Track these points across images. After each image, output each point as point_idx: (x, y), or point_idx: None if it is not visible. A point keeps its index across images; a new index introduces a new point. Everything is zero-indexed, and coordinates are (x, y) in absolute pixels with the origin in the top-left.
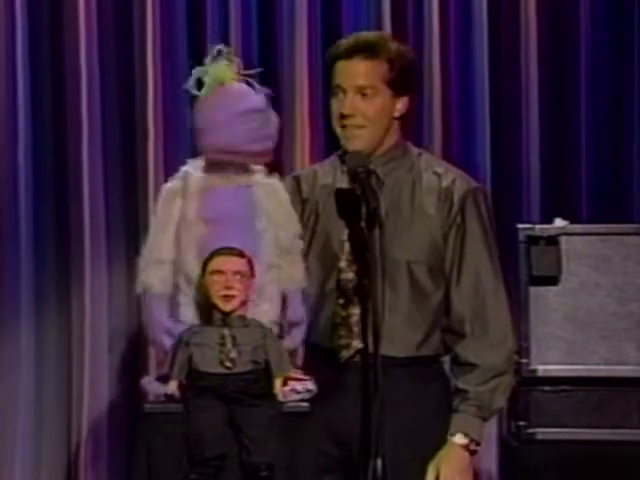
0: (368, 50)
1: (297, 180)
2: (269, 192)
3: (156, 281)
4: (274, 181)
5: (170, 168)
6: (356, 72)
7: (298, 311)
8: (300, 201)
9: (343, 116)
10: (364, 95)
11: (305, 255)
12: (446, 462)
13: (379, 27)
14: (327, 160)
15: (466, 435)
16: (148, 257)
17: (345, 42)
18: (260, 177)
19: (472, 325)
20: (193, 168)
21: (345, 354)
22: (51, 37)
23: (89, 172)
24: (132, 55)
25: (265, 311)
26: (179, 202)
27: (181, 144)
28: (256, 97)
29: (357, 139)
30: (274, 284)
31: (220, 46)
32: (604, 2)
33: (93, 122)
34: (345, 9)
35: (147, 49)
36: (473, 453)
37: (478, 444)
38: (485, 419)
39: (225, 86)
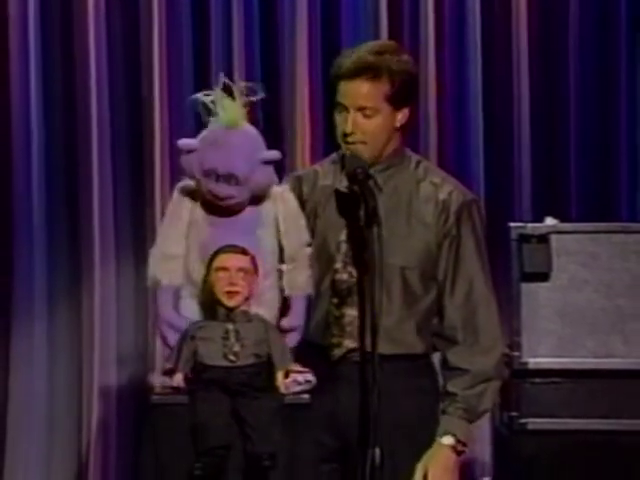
0: (370, 72)
1: (299, 181)
2: (280, 202)
3: (165, 275)
4: (284, 190)
5: (176, 171)
6: (358, 93)
7: (298, 317)
8: (300, 202)
9: (345, 134)
10: (365, 114)
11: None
12: (434, 462)
13: (376, 35)
14: (327, 159)
15: (453, 436)
16: (157, 253)
17: (348, 62)
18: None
19: (464, 333)
20: None
21: (337, 352)
22: (62, 45)
23: (99, 178)
24: (139, 62)
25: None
26: (189, 203)
27: None
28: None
29: (359, 154)
30: (273, 290)
31: (226, 80)
32: (591, 10)
33: (102, 128)
34: (344, 11)
35: (154, 53)
36: (460, 454)
37: (465, 445)
38: (472, 421)
39: (239, 129)
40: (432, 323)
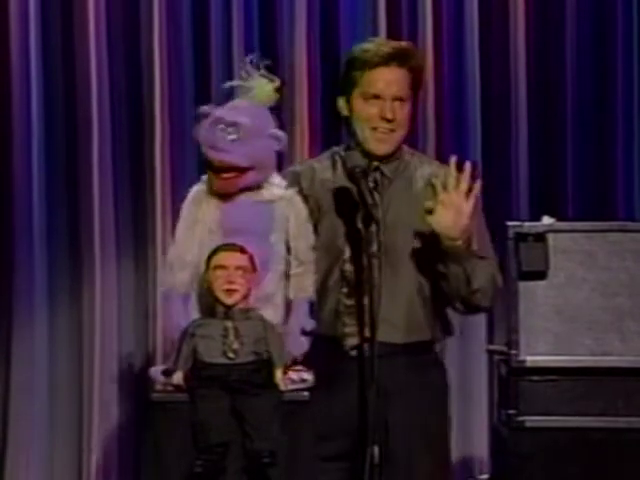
0: (403, 58)
1: (297, 177)
2: (288, 206)
3: (181, 283)
4: (293, 194)
5: (176, 171)
6: (394, 80)
7: (308, 320)
8: (302, 197)
9: (388, 120)
10: (400, 101)
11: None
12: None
13: (375, 32)
14: (324, 155)
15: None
16: (175, 259)
17: (378, 49)
18: (280, 191)
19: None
20: None
21: (350, 342)
22: (63, 46)
23: (99, 176)
24: (140, 61)
25: (268, 315)
26: (204, 206)
27: (187, 148)
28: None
29: (387, 142)
30: (282, 292)
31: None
32: (589, 3)
33: (102, 125)
34: (342, 9)
35: (154, 51)
36: None
37: None
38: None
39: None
40: (440, 310)
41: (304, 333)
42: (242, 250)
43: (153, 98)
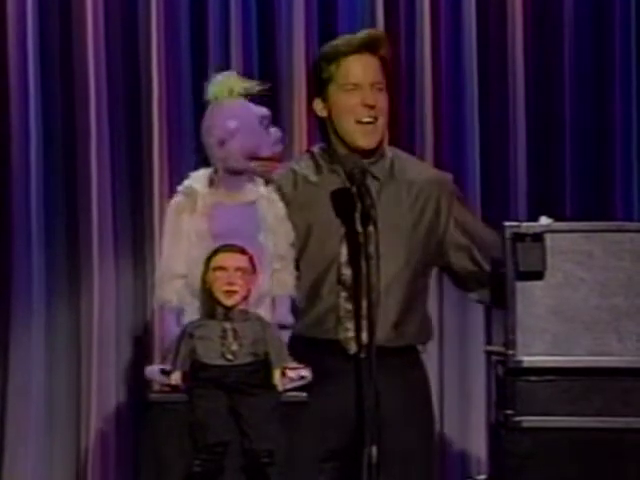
0: (374, 46)
1: (278, 187)
2: (269, 204)
3: (173, 296)
4: (271, 192)
5: (174, 171)
6: (370, 67)
7: (287, 316)
8: (285, 203)
9: (370, 107)
10: (379, 88)
11: (302, 251)
12: None
13: (372, 22)
14: (302, 157)
15: None
16: (163, 273)
17: (348, 40)
18: (261, 189)
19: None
20: (196, 182)
21: (353, 347)
22: (60, 45)
23: (97, 176)
24: (138, 64)
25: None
26: (187, 217)
27: (185, 149)
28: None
29: (373, 134)
30: (271, 291)
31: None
32: (587, 5)
33: (101, 127)
34: (340, 12)
35: (152, 55)
36: None
37: None
38: None
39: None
40: (425, 312)
41: (282, 327)
42: (242, 251)
43: (151, 98)
